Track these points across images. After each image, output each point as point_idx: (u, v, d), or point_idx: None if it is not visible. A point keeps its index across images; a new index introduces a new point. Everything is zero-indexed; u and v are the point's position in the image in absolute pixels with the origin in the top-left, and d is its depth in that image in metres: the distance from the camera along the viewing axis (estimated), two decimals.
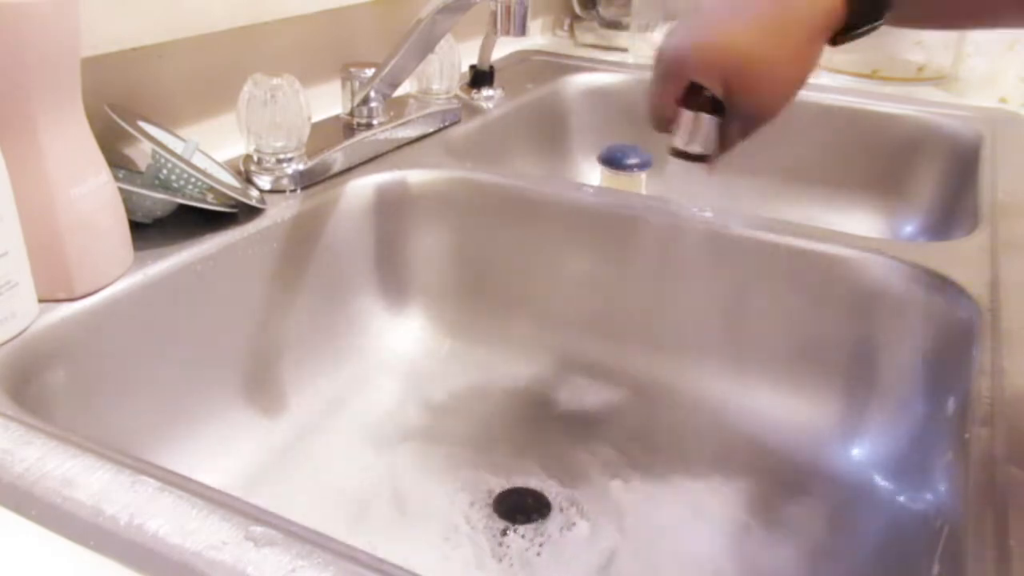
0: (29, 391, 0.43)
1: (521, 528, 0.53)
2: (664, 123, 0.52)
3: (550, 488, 0.57)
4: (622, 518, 0.54)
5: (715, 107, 0.50)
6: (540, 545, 0.52)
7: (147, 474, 0.34)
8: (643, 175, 0.82)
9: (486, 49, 0.92)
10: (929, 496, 0.49)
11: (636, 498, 0.56)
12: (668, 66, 0.49)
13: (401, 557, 0.31)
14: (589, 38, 1.25)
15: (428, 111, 0.78)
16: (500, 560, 0.51)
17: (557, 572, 0.51)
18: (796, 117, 0.57)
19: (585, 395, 0.66)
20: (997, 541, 0.34)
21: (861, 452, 0.58)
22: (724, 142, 0.52)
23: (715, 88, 0.48)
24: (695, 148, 0.52)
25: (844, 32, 0.46)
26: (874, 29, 0.46)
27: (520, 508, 0.55)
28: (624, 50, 1.17)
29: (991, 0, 0.45)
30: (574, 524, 0.54)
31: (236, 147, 0.66)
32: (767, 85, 0.47)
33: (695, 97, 0.50)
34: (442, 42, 0.74)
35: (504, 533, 0.53)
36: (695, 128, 0.51)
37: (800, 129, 0.91)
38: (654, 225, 0.63)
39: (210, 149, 0.62)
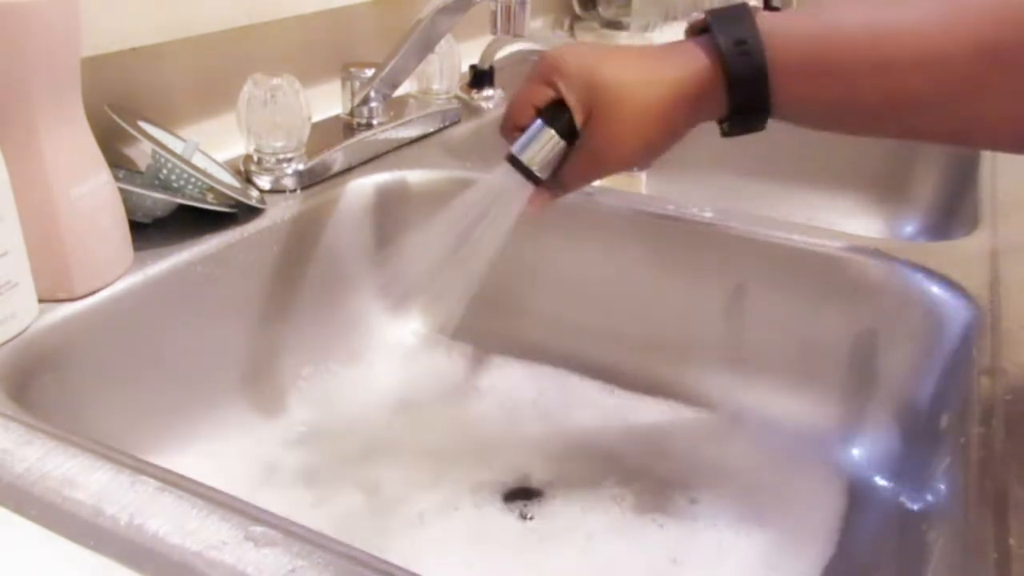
0: (29, 391, 0.43)
1: (520, 527, 0.53)
2: (512, 124, 0.49)
3: (549, 488, 0.57)
4: (622, 518, 0.54)
5: (569, 134, 0.47)
6: (538, 545, 0.52)
7: (147, 474, 0.34)
8: (643, 175, 0.82)
9: (491, 49, 0.92)
10: (929, 496, 0.49)
11: (636, 497, 0.56)
12: (542, 69, 0.47)
13: (400, 557, 0.31)
14: (589, 38, 1.25)
15: (428, 111, 0.78)
16: (498, 559, 0.51)
17: (551, 572, 0.51)
18: None
19: (585, 395, 0.66)
20: (997, 541, 0.34)
21: (861, 452, 0.58)
22: (564, 180, 0.49)
23: (577, 109, 0.46)
24: (530, 162, 0.48)
25: (728, 119, 0.46)
26: (760, 125, 0.46)
27: (519, 508, 0.55)
28: None
29: (879, 116, 0.44)
30: (572, 523, 0.54)
31: (236, 147, 0.66)
32: (626, 126, 0.46)
33: (554, 115, 0.47)
34: (442, 42, 0.74)
35: (502, 532, 0.53)
36: (539, 141, 0.47)
37: (800, 129, 0.91)
38: (654, 225, 0.63)
39: (210, 149, 0.62)
